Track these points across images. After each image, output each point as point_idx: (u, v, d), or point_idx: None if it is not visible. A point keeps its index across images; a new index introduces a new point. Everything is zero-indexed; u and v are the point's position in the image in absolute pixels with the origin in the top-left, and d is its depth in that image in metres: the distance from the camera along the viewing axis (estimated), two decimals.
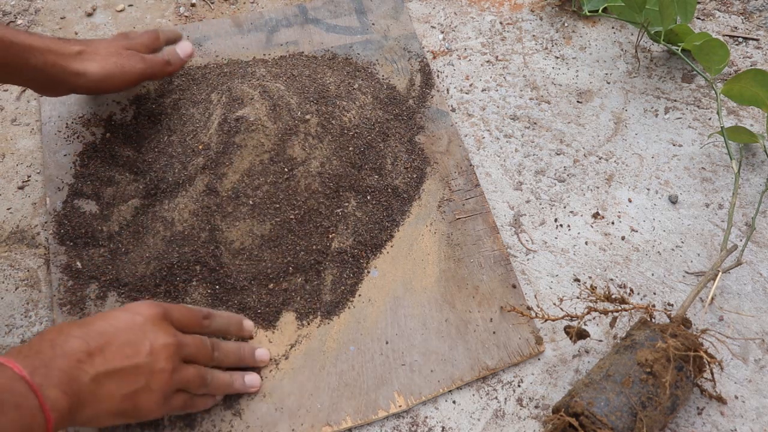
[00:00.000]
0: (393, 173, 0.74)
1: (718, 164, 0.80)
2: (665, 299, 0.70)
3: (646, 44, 0.90)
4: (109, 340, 0.51)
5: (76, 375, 0.48)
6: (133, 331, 0.52)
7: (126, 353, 0.51)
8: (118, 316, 0.53)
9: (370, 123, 0.75)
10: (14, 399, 0.44)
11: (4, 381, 0.45)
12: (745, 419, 0.64)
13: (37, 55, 0.62)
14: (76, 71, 0.64)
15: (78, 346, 0.49)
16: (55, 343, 0.49)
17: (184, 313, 0.58)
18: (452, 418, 0.63)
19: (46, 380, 0.46)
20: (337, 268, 0.68)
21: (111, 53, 0.67)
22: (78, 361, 0.48)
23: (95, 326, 0.51)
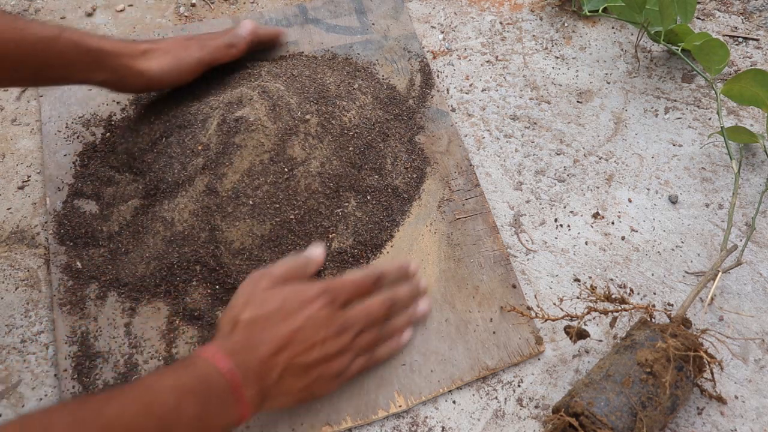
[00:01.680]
0: (393, 173, 0.74)
1: (718, 164, 0.80)
2: (665, 299, 0.70)
3: (646, 44, 0.90)
4: (290, 337, 0.56)
5: (266, 375, 0.54)
6: (308, 327, 0.57)
7: (303, 349, 0.56)
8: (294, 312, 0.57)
9: (370, 123, 0.75)
10: (219, 390, 0.51)
11: (212, 373, 0.51)
12: (745, 419, 0.64)
13: (111, 58, 0.66)
14: (139, 71, 0.68)
15: (269, 350, 0.54)
16: (251, 344, 0.54)
17: (353, 294, 0.62)
18: (452, 418, 0.63)
19: (245, 380, 0.52)
20: (337, 268, 0.68)
21: (171, 48, 0.70)
22: (266, 363, 0.54)
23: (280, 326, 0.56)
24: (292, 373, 0.55)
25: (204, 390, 0.50)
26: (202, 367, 0.51)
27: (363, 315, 0.61)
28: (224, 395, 0.51)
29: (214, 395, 0.50)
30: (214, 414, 0.50)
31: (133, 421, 0.45)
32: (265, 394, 0.54)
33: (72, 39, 0.64)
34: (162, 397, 0.48)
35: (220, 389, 0.51)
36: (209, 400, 0.50)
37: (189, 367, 0.51)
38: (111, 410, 0.45)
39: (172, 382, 0.49)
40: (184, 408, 0.48)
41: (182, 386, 0.49)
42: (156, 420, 0.46)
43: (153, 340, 0.64)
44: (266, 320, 0.56)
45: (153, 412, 0.46)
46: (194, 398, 0.49)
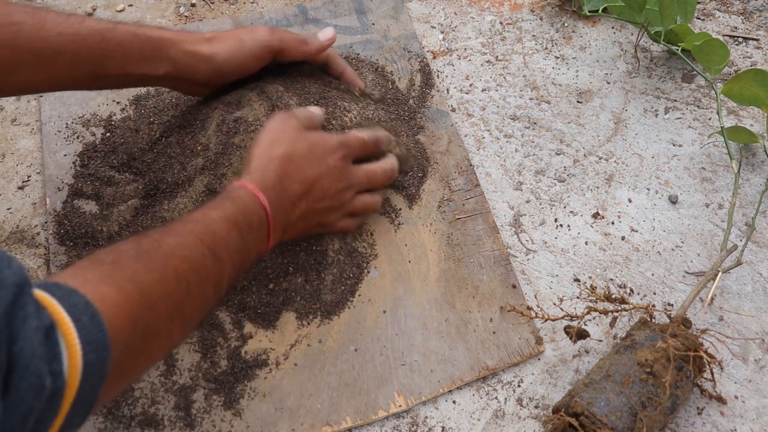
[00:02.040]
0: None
1: (718, 164, 0.80)
2: (665, 299, 0.70)
3: (646, 44, 0.90)
4: (312, 185, 0.61)
5: (290, 214, 0.60)
6: (327, 177, 0.62)
7: (320, 196, 0.62)
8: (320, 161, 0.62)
9: (372, 123, 0.75)
10: (258, 220, 0.56)
11: (253, 204, 0.56)
12: (745, 419, 0.64)
13: (173, 45, 0.63)
14: (204, 56, 0.65)
15: (296, 190, 0.60)
16: (283, 185, 0.59)
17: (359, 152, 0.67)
18: (452, 418, 0.63)
19: (276, 215, 0.57)
20: (337, 268, 0.68)
21: (235, 33, 0.67)
22: (294, 204, 0.60)
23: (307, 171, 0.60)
24: (306, 216, 0.61)
25: (246, 222, 0.54)
26: (245, 199, 0.55)
27: (367, 177, 0.67)
28: (261, 228, 0.56)
29: (254, 228, 0.55)
30: (252, 244, 0.55)
31: (190, 249, 0.49)
32: (284, 229, 0.59)
33: (129, 30, 0.62)
34: (212, 228, 0.52)
35: (259, 223, 0.56)
36: (250, 232, 0.55)
37: (232, 199, 0.55)
38: (170, 240, 0.49)
39: (219, 215, 0.53)
40: (232, 239, 0.52)
41: (228, 218, 0.53)
42: (207, 248, 0.50)
43: None
44: (297, 161, 0.60)
45: (205, 241, 0.50)
46: (238, 230, 0.53)
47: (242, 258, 0.55)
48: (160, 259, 0.47)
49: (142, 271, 0.45)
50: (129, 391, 0.61)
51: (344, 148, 0.64)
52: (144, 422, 0.60)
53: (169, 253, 0.48)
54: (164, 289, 0.46)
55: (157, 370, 0.62)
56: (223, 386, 0.62)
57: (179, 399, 0.61)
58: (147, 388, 0.61)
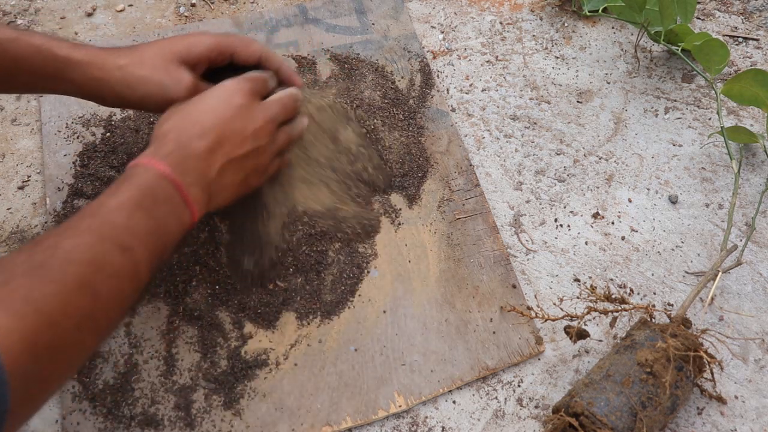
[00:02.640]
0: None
1: (718, 164, 0.80)
2: (665, 299, 0.70)
3: (646, 44, 0.90)
4: (222, 132, 0.55)
5: (206, 171, 0.54)
6: (238, 117, 0.56)
7: (237, 142, 0.56)
8: (218, 108, 0.56)
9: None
10: (164, 194, 0.51)
11: (152, 179, 0.50)
12: (745, 419, 0.64)
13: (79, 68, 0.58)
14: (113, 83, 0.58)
15: (202, 145, 0.54)
16: (181, 144, 0.53)
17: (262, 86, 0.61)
18: (452, 418, 0.63)
19: (186, 178, 0.52)
20: (337, 268, 0.68)
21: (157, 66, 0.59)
22: (204, 159, 0.54)
23: (206, 121, 0.55)
24: (230, 167, 0.56)
25: (150, 199, 0.49)
26: (142, 176, 0.50)
27: (281, 107, 0.61)
28: (171, 199, 0.51)
29: (161, 202, 0.50)
30: (167, 220, 0.50)
31: (90, 249, 0.45)
32: (209, 191, 0.54)
33: (33, 43, 0.56)
34: (110, 219, 0.47)
35: (166, 194, 0.50)
36: (158, 207, 0.49)
37: (128, 180, 0.50)
38: (66, 244, 0.45)
39: (116, 202, 0.48)
40: (137, 223, 0.48)
41: (127, 202, 0.48)
42: (112, 243, 0.46)
43: (153, 340, 0.64)
44: (193, 118, 0.55)
45: (106, 236, 0.46)
46: (143, 211, 0.48)
47: (158, 239, 0.50)
48: (56, 268, 0.43)
49: (37, 287, 0.41)
50: (129, 391, 0.61)
51: (248, 83, 0.59)
52: (144, 422, 0.60)
53: (66, 259, 0.44)
54: (66, 301, 0.42)
55: (157, 370, 0.62)
56: (223, 386, 0.62)
57: (179, 399, 0.61)
58: (147, 388, 0.61)
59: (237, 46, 0.63)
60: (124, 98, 0.59)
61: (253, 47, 0.63)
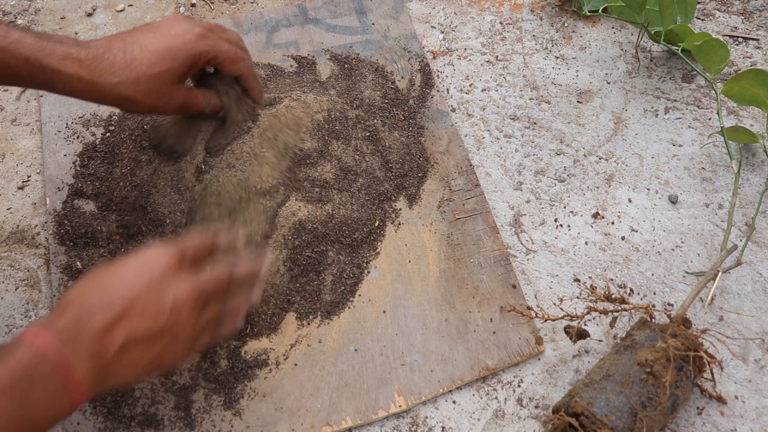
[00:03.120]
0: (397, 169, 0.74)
1: (718, 164, 0.80)
2: (665, 299, 0.70)
3: (646, 44, 0.90)
4: (131, 304, 0.48)
5: (101, 349, 0.47)
6: (153, 289, 0.49)
7: (148, 317, 0.49)
8: (133, 275, 0.50)
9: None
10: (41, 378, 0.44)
11: (31, 360, 0.44)
12: (745, 419, 0.64)
13: (66, 80, 0.56)
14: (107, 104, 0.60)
15: (101, 318, 0.47)
16: (81, 314, 0.47)
17: (198, 248, 0.54)
18: (452, 418, 0.63)
19: (76, 355, 0.46)
20: (337, 268, 0.68)
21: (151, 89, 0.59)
22: (102, 335, 0.47)
23: (115, 290, 0.49)
24: (133, 346, 0.48)
25: (22, 382, 0.44)
26: (20, 354, 0.45)
27: (212, 282, 0.52)
28: (49, 381, 0.45)
29: (36, 384, 0.44)
30: (39, 405, 0.44)
31: None
32: (104, 372, 0.47)
33: (22, 54, 0.55)
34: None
35: (43, 376, 0.44)
36: (30, 393, 0.44)
37: (4, 358, 0.44)
38: None
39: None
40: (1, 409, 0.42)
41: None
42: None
43: None
44: (102, 287, 0.49)
45: None
46: (9, 396, 0.43)
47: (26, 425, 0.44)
48: None
49: None
50: (129, 391, 0.61)
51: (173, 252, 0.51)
52: (144, 422, 0.60)
53: None
54: None
55: None
56: (223, 386, 0.62)
57: (179, 399, 0.61)
58: (147, 388, 0.61)
59: (224, 60, 0.63)
60: (117, 106, 0.60)
61: (236, 66, 0.64)
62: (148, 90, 0.58)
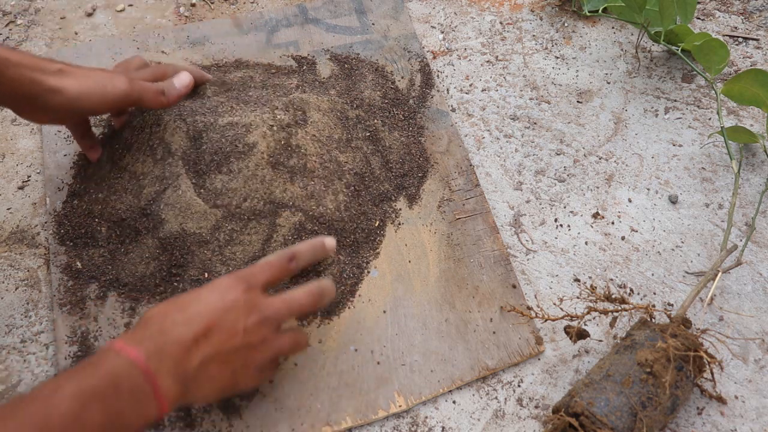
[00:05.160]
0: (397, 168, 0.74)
1: (718, 164, 0.80)
2: (665, 299, 0.70)
3: (646, 44, 0.90)
4: (209, 324, 0.51)
5: (185, 362, 0.49)
6: (228, 312, 0.53)
7: (225, 336, 0.52)
8: (210, 299, 0.53)
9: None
10: (130, 385, 0.46)
11: (121, 367, 0.46)
12: (745, 419, 0.64)
13: (13, 68, 0.57)
14: (51, 87, 0.59)
15: (185, 333, 0.50)
16: (163, 329, 0.50)
17: (269, 274, 0.58)
18: (452, 418, 0.63)
19: (160, 367, 0.48)
20: (337, 268, 0.68)
21: (94, 72, 0.63)
22: (186, 348, 0.50)
23: (194, 310, 0.52)
24: (214, 360, 0.51)
25: (112, 389, 0.45)
26: (110, 362, 0.46)
27: (285, 304, 0.56)
28: (138, 390, 0.46)
29: (125, 392, 0.46)
30: (128, 413, 0.46)
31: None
32: (185, 384, 0.50)
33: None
34: (60, 408, 0.43)
35: (132, 384, 0.46)
36: (119, 399, 0.45)
37: (94, 365, 0.46)
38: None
39: (73, 389, 0.44)
40: (89, 416, 0.44)
41: (85, 391, 0.44)
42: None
43: None
44: (181, 306, 0.52)
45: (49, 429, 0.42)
46: (101, 402, 0.44)
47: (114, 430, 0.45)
48: None
49: None
50: None
51: (243, 281, 0.55)
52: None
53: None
54: None
55: None
56: None
57: None
58: None
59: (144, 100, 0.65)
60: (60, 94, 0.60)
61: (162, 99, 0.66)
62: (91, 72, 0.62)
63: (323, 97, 0.74)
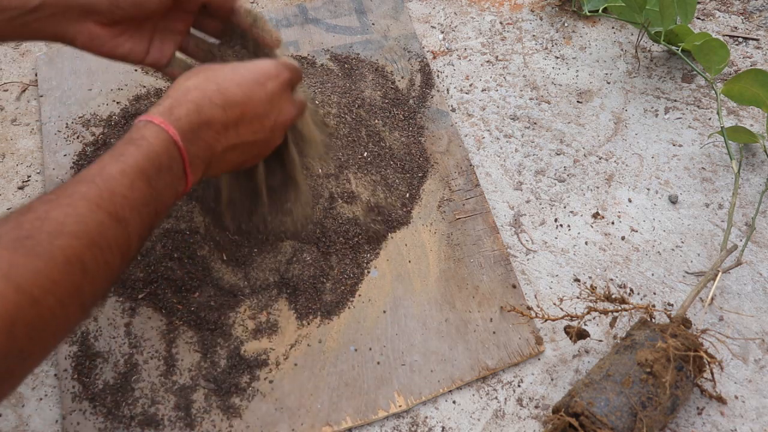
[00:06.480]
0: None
1: (718, 164, 0.80)
2: (665, 299, 0.70)
3: (646, 44, 0.90)
4: (243, 112, 0.52)
5: (213, 146, 0.51)
6: (263, 104, 0.53)
7: (254, 129, 0.53)
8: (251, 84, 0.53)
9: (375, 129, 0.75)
10: (169, 162, 0.48)
11: (163, 144, 0.47)
12: (745, 419, 0.64)
13: None
14: None
15: (219, 117, 0.51)
16: (200, 107, 0.50)
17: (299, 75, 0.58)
18: (452, 418, 0.63)
19: (192, 148, 0.49)
20: (338, 268, 0.68)
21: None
22: (216, 133, 0.51)
23: (232, 93, 0.52)
24: (238, 148, 0.53)
25: (155, 168, 0.47)
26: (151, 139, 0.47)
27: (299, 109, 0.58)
28: (174, 168, 0.48)
29: (164, 170, 0.47)
30: (165, 190, 0.48)
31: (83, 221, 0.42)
32: (207, 165, 0.52)
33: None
34: (110, 187, 0.44)
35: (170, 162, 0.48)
36: (160, 176, 0.47)
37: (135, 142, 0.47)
38: (57, 214, 0.42)
39: (119, 168, 0.45)
40: (136, 193, 0.45)
41: (130, 169, 0.45)
42: (106, 213, 0.43)
43: (153, 340, 0.64)
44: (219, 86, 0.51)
45: (103, 206, 0.43)
46: (145, 179, 0.46)
47: (154, 209, 0.47)
48: (44, 242, 0.40)
49: (21, 262, 0.39)
50: (129, 391, 0.61)
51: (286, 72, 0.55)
52: (144, 422, 0.60)
53: (55, 231, 0.41)
54: (51, 278, 0.40)
55: (157, 370, 0.62)
56: (223, 386, 0.62)
57: (179, 399, 0.61)
58: (147, 388, 0.61)
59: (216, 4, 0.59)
60: None
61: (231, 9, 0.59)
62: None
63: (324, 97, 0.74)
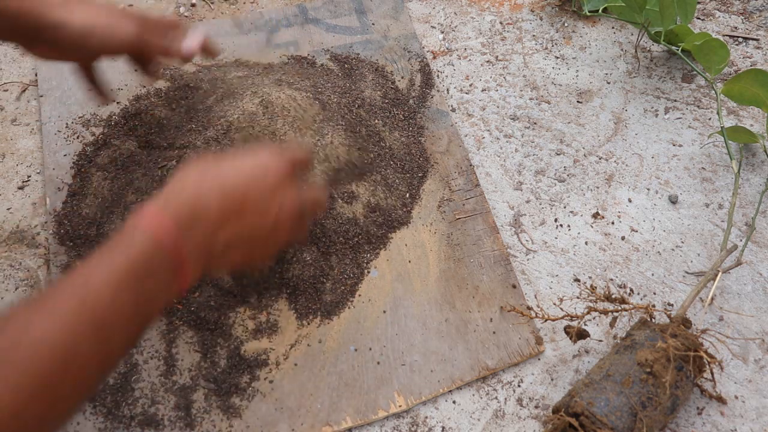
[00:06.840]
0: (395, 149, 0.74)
1: (718, 164, 0.80)
2: (665, 299, 0.70)
3: (646, 44, 0.90)
4: (243, 204, 0.50)
5: (212, 242, 0.48)
6: (265, 194, 0.51)
7: (257, 218, 0.51)
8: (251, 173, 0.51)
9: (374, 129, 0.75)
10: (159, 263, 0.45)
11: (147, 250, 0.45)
12: (745, 419, 0.64)
13: (17, 0, 0.54)
14: (55, 20, 0.55)
15: (218, 213, 0.48)
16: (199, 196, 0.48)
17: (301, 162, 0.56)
18: (452, 418, 0.63)
19: (191, 245, 0.47)
20: (338, 268, 0.68)
21: (103, 9, 0.58)
22: (216, 224, 0.48)
23: (233, 183, 0.50)
24: (239, 242, 0.50)
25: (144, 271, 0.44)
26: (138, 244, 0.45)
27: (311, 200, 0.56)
28: (164, 270, 0.45)
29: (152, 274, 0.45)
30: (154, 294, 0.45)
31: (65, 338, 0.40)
32: (207, 262, 0.49)
33: None
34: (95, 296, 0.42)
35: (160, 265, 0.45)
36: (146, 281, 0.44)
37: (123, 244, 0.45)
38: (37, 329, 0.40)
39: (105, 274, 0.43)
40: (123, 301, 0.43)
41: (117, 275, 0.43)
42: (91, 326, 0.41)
43: (153, 340, 0.64)
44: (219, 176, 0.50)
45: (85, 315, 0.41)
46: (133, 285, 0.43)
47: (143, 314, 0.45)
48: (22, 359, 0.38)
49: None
50: (129, 391, 0.61)
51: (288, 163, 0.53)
52: (144, 422, 0.60)
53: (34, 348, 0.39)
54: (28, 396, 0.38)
55: (157, 370, 0.62)
56: (223, 386, 0.62)
57: (179, 399, 0.61)
58: (147, 388, 0.61)
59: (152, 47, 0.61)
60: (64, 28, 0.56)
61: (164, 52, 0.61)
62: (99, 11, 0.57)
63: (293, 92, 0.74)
